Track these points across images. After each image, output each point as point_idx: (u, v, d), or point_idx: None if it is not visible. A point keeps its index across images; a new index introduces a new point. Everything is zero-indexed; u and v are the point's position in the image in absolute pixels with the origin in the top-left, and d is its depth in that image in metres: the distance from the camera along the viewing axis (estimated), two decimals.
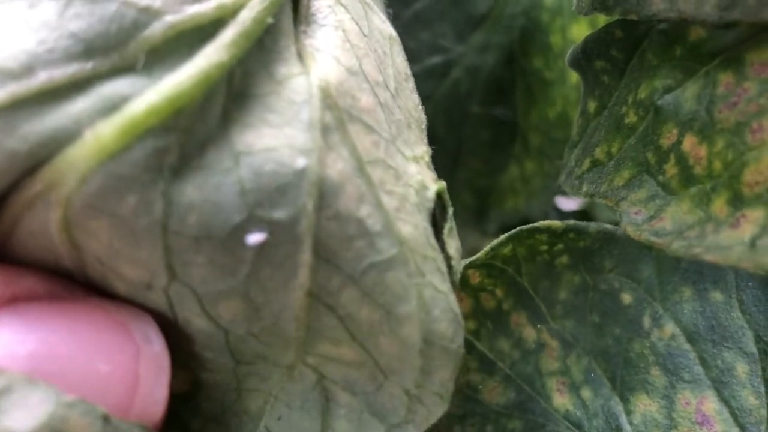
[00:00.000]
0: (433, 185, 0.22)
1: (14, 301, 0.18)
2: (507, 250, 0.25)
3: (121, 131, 0.17)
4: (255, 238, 0.18)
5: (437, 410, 0.21)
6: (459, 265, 0.22)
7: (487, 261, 0.25)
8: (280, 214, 0.18)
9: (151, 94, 0.17)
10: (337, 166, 0.19)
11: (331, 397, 0.21)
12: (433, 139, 0.41)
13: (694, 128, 0.21)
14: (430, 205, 0.21)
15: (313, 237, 0.19)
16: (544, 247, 0.25)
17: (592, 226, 0.25)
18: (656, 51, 0.23)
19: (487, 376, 0.25)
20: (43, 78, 0.17)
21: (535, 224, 0.25)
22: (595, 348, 0.25)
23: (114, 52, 0.17)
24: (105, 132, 0.17)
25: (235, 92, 0.19)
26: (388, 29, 0.23)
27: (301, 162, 0.18)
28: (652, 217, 0.22)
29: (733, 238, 0.19)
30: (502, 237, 0.25)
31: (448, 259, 0.21)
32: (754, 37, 0.21)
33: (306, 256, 0.19)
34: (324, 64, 0.20)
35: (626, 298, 0.25)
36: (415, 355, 0.20)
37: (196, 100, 0.18)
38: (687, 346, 0.25)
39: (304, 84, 0.19)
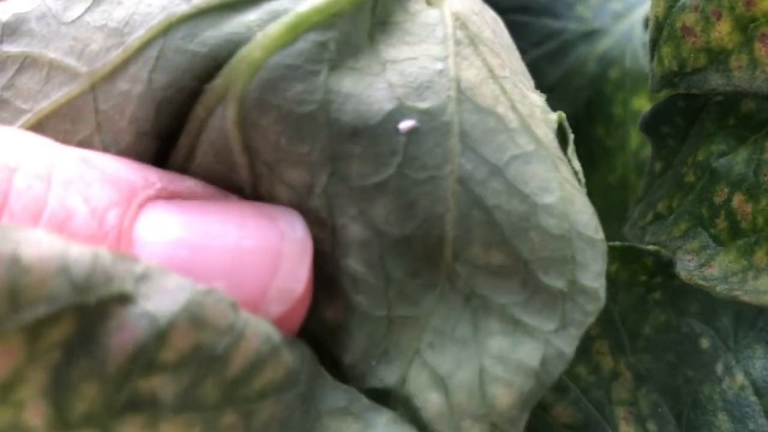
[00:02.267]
0: (553, 112, 0.22)
1: (175, 197, 0.20)
2: (613, 268, 0.27)
3: (287, 27, 0.20)
4: (406, 124, 0.20)
5: (593, 308, 0.21)
6: (584, 183, 0.22)
7: None
8: (426, 104, 0.20)
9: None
10: (472, 70, 0.20)
11: (482, 315, 0.21)
12: None
13: (742, 188, 0.25)
14: (554, 125, 0.22)
15: (459, 125, 0.20)
16: (643, 278, 0.27)
17: None
18: (713, 120, 0.26)
19: (559, 397, 0.27)
20: None
21: (645, 247, 0.27)
22: (666, 385, 0.27)
23: None
24: (273, 29, 0.20)
25: (377, 19, 0.21)
26: (491, 12, 0.25)
27: (438, 65, 0.20)
28: (702, 265, 0.25)
29: None
30: (616, 243, 0.26)
31: (575, 172, 0.22)
32: None
33: (454, 143, 0.20)
34: (451, 1, 0.22)
35: (704, 343, 0.27)
36: (565, 246, 0.20)
37: (349, 7, 0.20)
38: (754, 398, 0.26)
39: (437, 13, 0.21)
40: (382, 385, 0.21)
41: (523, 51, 0.43)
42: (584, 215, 0.21)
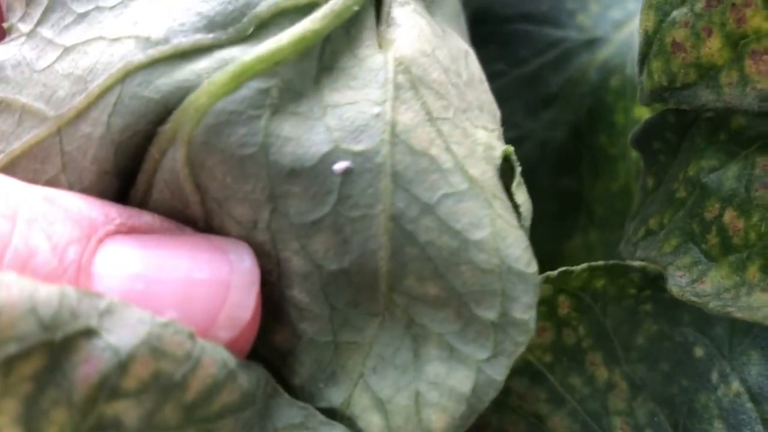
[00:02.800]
0: (500, 147, 0.23)
1: (134, 231, 0.21)
2: (600, 284, 0.27)
3: (231, 75, 0.21)
4: (340, 165, 0.21)
5: (524, 339, 0.22)
6: (528, 216, 0.23)
7: (578, 292, 0.27)
8: (361, 146, 0.21)
9: (258, 48, 0.21)
10: (408, 114, 0.22)
11: (421, 342, 0.22)
12: None
13: (733, 203, 0.24)
14: (498, 161, 0.23)
15: (391, 167, 0.21)
16: (633, 291, 0.27)
17: None
18: (703, 135, 0.26)
19: (555, 408, 0.27)
20: (174, 44, 0.22)
21: (632, 263, 0.27)
22: (662, 395, 0.27)
23: (230, 26, 0.22)
24: (219, 77, 0.21)
25: (326, 64, 0.22)
26: (465, 46, 0.26)
27: (376, 109, 0.22)
28: (694, 281, 0.25)
29: (763, 300, 0.22)
30: (601, 263, 0.27)
31: (516, 206, 0.23)
32: None
33: (386, 183, 0.21)
34: (399, 45, 0.23)
35: (698, 351, 0.27)
36: (495, 280, 0.22)
37: (292, 56, 0.22)
38: (750, 405, 0.26)
39: (381, 58, 0.23)
40: (329, 406, 0.23)
41: (525, 60, 0.44)
42: (516, 249, 0.22)
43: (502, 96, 0.43)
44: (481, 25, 0.43)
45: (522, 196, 0.23)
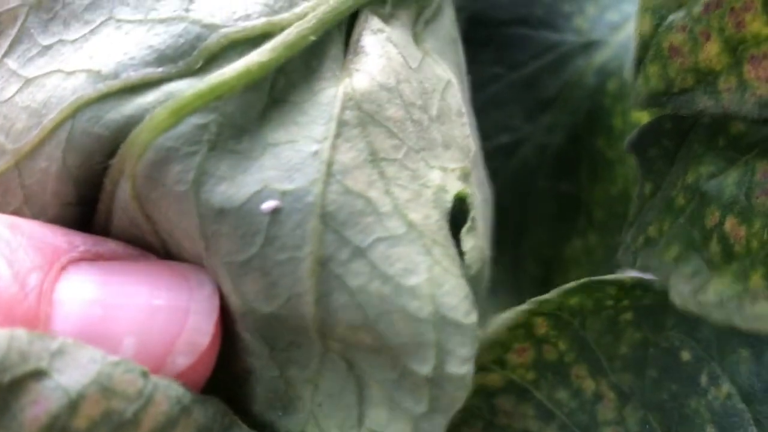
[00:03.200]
0: (455, 189, 0.23)
1: (98, 258, 0.22)
2: (575, 301, 0.27)
3: (171, 111, 0.21)
4: (268, 204, 0.21)
5: (460, 395, 0.21)
6: (476, 263, 0.22)
7: (554, 311, 0.27)
8: (291, 185, 0.21)
9: (199, 83, 0.21)
10: (350, 153, 0.21)
11: (363, 386, 0.22)
12: (500, 210, 0.44)
13: (734, 211, 0.24)
14: (448, 205, 0.22)
15: (322, 207, 0.21)
16: (610, 302, 0.27)
17: (658, 283, 0.26)
18: (702, 141, 0.25)
19: (544, 424, 0.27)
20: (123, 78, 0.21)
21: (605, 277, 0.26)
22: (652, 402, 0.26)
23: (180, 59, 0.22)
24: (160, 113, 0.21)
25: (277, 97, 0.22)
26: (447, 76, 0.26)
27: (314, 146, 0.21)
28: (696, 290, 0.24)
29: None
30: (573, 284, 0.26)
31: (461, 254, 0.22)
32: None
33: (315, 224, 0.21)
34: (357, 77, 0.23)
35: (685, 355, 0.26)
36: (428, 330, 0.21)
37: (236, 90, 0.21)
38: (742, 406, 0.26)
39: (333, 91, 0.22)
40: None
41: (522, 63, 0.43)
42: (453, 298, 0.21)
43: (499, 100, 0.43)
44: (478, 29, 0.43)
45: (471, 241, 0.22)
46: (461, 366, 0.21)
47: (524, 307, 0.26)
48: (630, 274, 0.34)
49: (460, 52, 0.29)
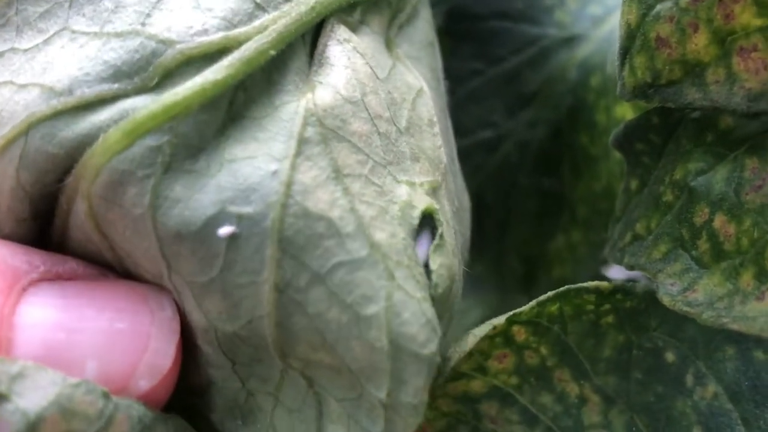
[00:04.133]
0: (422, 205, 0.22)
1: (58, 278, 0.21)
2: (554, 308, 0.26)
3: (124, 133, 0.20)
4: (225, 230, 0.20)
5: (413, 421, 0.21)
6: (444, 281, 0.22)
7: (533, 319, 0.26)
8: (248, 209, 0.20)
9: (153, 103, 0.21)
10: (311, 172, 0.21)
11: (322, 402, 0.22)
12: (482, 207, 0.43)
13: (723, 208, 0.23)
14: (415, 221, 0.22)
15: (279, 232, 0.20)
16: (591, 307, 0.26)
17: (639, 286, 0.26)
18: (690, 137, 0.25)
19: (529, 429, 0.26)
20: (77, 95, 0.21)
21: (584, 284, 0.26)
22: (638, 404, 0.26)
23: (136, 75, 0.21)
24: (113, 134, 0.20)
25: (235, 113, 0.21)
26: (419, 84, 0.25)
27: (273, 165, 0.21)
28: (686, 289, 0.24)
29: (758, 310, 0.21)
30: (550, 294, 0.26)
31: (428, 272, 0.22)
32: None
33: (273, 250, 0.20)
34: (319, 91, 0.22)
35: (670, 356, 0.26)
36: (384, 359, 0.21)
37: (191, 110, 0.21)
38: (729, 406, 0.25)
39: (293, 107, 0.22)
40: None
41: (503, 58, 0.43)
42: (411, 327, 0.21)
43: (479, 95, 0.42)
44: (458, 23, 0.42)
45: (438, 259, 0.22)
46: (415, 396, 0.21)
47: (500, 320, 0.26)
48: (615, 269, 0.33)
49: (437, 55, 0.28)
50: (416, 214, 0.22)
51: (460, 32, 0.42)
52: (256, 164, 0.21)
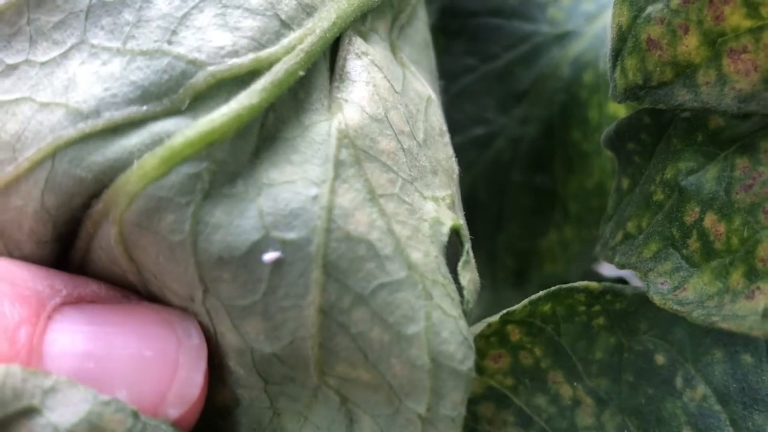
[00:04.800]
0: (449, 222, 0.23)
1: (80, 301, 0.21)
2: (547, 308, 0.26)
3: (161, 160, 0.20)
4: (270, 256, 0.20)
5: None
6: (473, 296, 0.23)
7: (526, 319, 0.26)
8: (292, 235, 0.20)
9: (189, 129, 0.20)
10: (349, 195, 0.21)
11: (354, 419, 0.22)
12: (475, 204, 0.43)
13: (714, 207, 0.24)
14: (444, 238, 0.23)
15: (324, 257, 0.21)
16: (582, 308, 0.26)
17: (628, 288, 0.26)
18: (680, 136, 0.25)
19: (524, 431, 0.27)
20: (106, 117, 0.20)
21: (574, 284, 0.26)
22: (629, 406, 0.26)
23: (165, 97, 0.21)
24: (149, 161, 0.20)
25: (267, 135, 0.21)
26: (427, 92, 0.25)
27: (313, 190, 0.21)
28: (676, 288, 0.24)
29: (748, 309, 0.21)
30: (542, 293, 0.26)
31: (460, 289, 0.22)
32: (767, 126, 0.23)
33: (317, 275, 0.20)
34: (348, 111, 0.22)
35: (660, 358, 0.26)
36: (425, 376, 0.21)
37: (227, 136, 0.20)
38: (718, 408, 0.26)
39: (326, 127, 0.22)
40: None
41: (495, 55, 0.43)
42: (450, 346, 0.21)
43: (472, 92, 0.42)
44: (451, 20, 0.42)
45: (468, 274, 0.23)
46: (453, 409, 0.21)
47: (494, 318, 0.26)
48: (607, 266, 0.33)
49: (432, 56, 0.28)
50: (445, 231, 0.23)
51: (453, 29, 0.42)
52: (296, 189, 0.21)
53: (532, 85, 0.42)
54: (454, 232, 0.23)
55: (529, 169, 0.43)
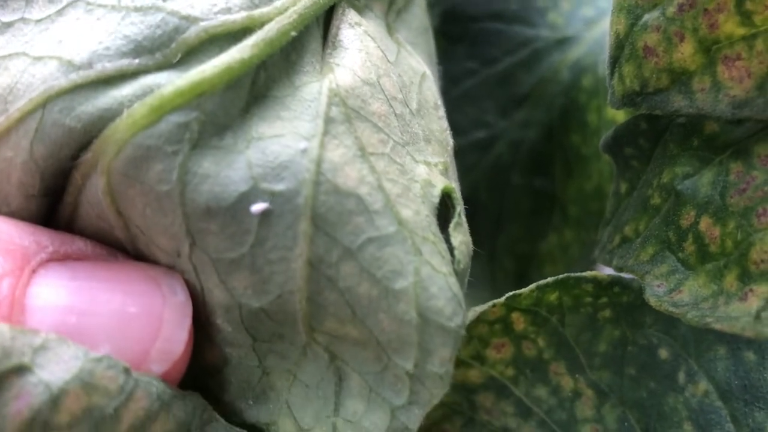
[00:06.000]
0: (441, 184, 0.23)
1: (66, 259, 0.21)
2: (553, 297, 0.26)
3: (150, 108, 0.20)
4: (258, 207, 0.20)
5: (438, 392, 0.22)
6: (465, 257, 0.23)
7: (532, 308, 0.27)
8: (281, 186, 0.21)
9: (179, 80, 0.21)
10: (339, 150, 0.21)
11: (343, 377, 0.22)
12: (476, 206, 0.44)
13: (709, 211, 0.24)
14: (435, 200, 0.23)
15: (312, 209, 0.21)
16: (589, 299, 0.27)
17: (636, 282, 0.26)
18: (676, 141, 0.26)
19: (523, 421, 0.27)
20: (98, 69, 0.21)
21: (582, 274, 0.26)
22: (630, 399, 0.27)
23: (157, 51, 0.21)
24: (138, 109, 0.20)
25: (258, 93, 0.22)
26: (422, 68, 0.26)
27: (302, 144, 0.21)
28: (672, 290, 0.24)
29: (741, 310, 0.22)
30: (550, 280, 0.26)
31: (451, 250, 0.22)
32: (760, 132, 0.23)
33: (305, 226, 0.21)
34: (339, 73, 0.22)
35: (663, 353, 0.26)
36: (412, 332, 0.21)
37: (217, 88, 0.21)
38: (719, 404, 0.26)
39: (317, 87, 0.22)
40: (257, 422, 0.23)
41: (496, 59, 0.43)
42: (439, 301, 0.21)
43: (473, 95, 0.43)
44: (452, 24, 0.43)
45: (459, 237, 0.23)
46: (441, 366, 0.21)
47: (500, 300, 0.26)
48: (607, 271, 0.34)
49: (431, 42, 0.29)
50: (436, 192, 0.23)
51: (455, 33, 0.43)
52: (285, 142, 0.21)
53: (533, 89, 0.42)
54: (446, 195, 0.23)
55: (529, 172, 0.43)
